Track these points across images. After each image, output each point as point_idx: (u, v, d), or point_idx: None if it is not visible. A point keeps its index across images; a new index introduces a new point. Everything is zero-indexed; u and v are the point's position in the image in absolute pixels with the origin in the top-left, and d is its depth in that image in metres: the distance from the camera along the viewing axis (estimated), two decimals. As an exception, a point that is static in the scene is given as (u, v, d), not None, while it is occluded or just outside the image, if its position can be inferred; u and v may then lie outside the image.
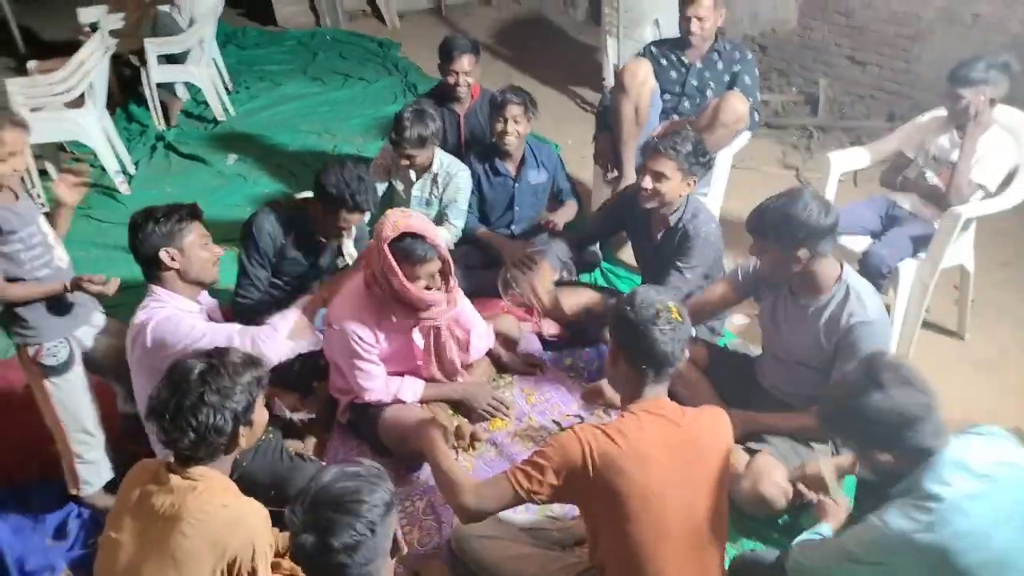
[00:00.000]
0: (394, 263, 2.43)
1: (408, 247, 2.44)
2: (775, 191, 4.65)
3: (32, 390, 2.49)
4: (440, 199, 3.54)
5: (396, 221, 2.45)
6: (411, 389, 2.69)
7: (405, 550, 1.56)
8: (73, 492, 2.57)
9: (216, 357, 1.77)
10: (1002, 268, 3.73)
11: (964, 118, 2.95)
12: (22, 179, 4.13)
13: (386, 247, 2.42)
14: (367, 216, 3.46)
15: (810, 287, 2.36)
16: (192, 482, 1.70)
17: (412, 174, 3.49)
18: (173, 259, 2.23)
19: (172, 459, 1.74)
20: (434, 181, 3.51)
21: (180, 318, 2.22)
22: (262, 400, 1.83)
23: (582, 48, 7.16)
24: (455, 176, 3.48)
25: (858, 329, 2.23)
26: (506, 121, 3.41)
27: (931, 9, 5.02)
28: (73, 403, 2.47)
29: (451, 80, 3.75)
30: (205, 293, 2.42)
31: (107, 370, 2.60)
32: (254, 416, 1.79)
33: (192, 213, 2.29)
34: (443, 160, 3.50)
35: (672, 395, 1.96)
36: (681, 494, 1.78)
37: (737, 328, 3.42)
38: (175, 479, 1.71)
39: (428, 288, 2.53)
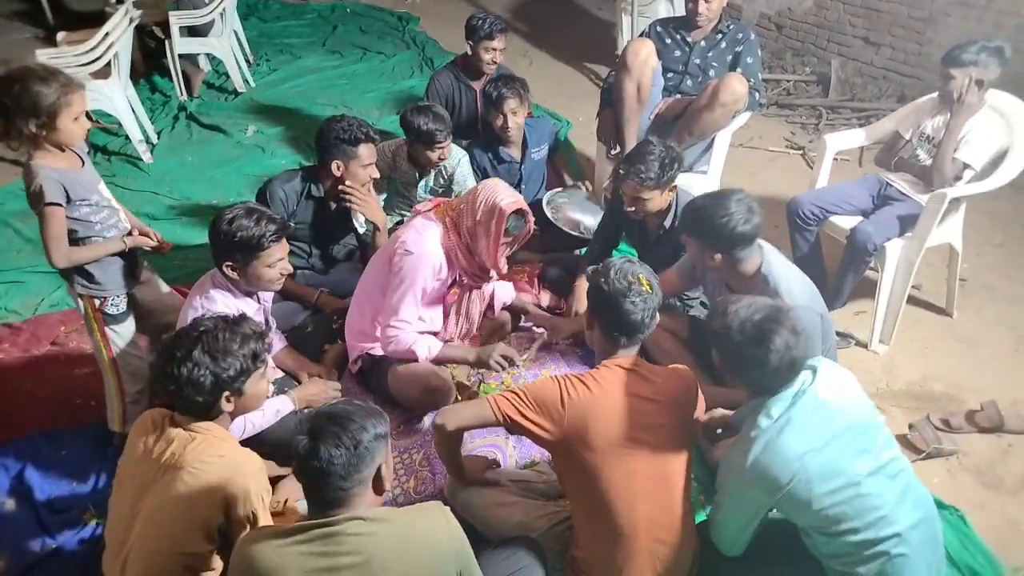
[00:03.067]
0: (501, 232, 2.59)
1: (516, 224, 2.62)
2: (780, 170, 4.71)
3: (91, 336, 2.64)
4: (446, 187, 3.62)
5: (514, 196, 2.61)
6: (427, 346, 2.74)
7: (387, 488, 1.66)
8: (116, 429, 2.73)
9: (226, 322, 1.89)
10: (995, 249, 3.80)
11: (951, 98, 3.04)
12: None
13: (502, 219, 2.55)
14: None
15: (735, 279, 2.48)
16: (191, 433, 1.82)
17: (415, 173, 3.56)
18: (233, 271, 2.35)
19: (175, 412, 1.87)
20: (439, 170, 3.58)
21: None
22: (262, 374, 1.92)
23: (600, 24, 7.20)
24: (458, 165, 3.57)
25: None
26: (505, 116, 3.53)
27: (945, -9, 5.04)
28: (128, 347, 2.64)
29: (487, 57, 3.86)
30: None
31: (141, 320, 2.74)
32: (246, 388, 1.88)
33: (281, 233, 2.37)
34: None
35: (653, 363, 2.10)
36: (648, 437, 1.93)
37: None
38: (175, 431, 1.83)
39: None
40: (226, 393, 1.85)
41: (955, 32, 4.94)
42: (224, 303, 2.35)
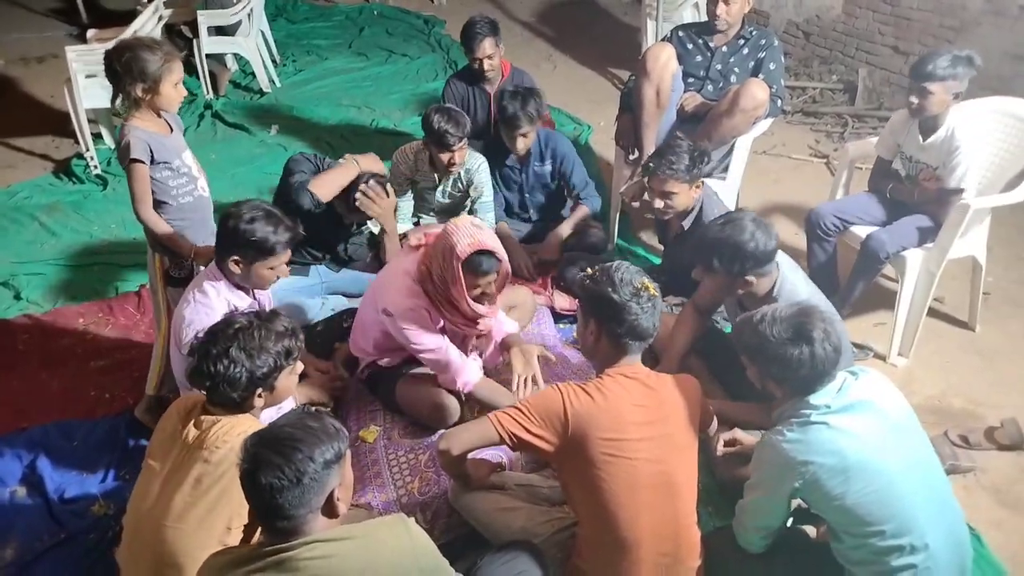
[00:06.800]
0: (461, 276, 2.44)
1: (477, 263, 2.43)
2: (803, 178, 4.65)
3: (153, 295, 2.83)
4: (464, 193, 3.62)
5: (473, 237, 2.42)
6: (473, 373, 2.63)
7: (341, 512, 1.55)
8: (150, 392, 2.80)
9: (260, 319, 1.91)
10: (1022, 263, 3.71)
11: (925, 113, 2.96)
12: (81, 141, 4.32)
13: (458, 264, 2.42)
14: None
15: (752, 297, 2.46)
16: (217, 417, 1.85)
17: (436, 176, 3.56)
18: (237, 266, 2.34)
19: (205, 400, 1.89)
20: (457, 176, 3.57)
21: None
22: (291, 370, 1.95)
23: (626, 29, 7.17)
24: (476, 170, 3.55)
25: None
26: (515, 139, 3.54)
27: (978, 0, 4.93)
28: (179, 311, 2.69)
29: (475, 66, 3.89)
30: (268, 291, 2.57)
31: None
32: (277, 383, 1.91)
33: (292, 241, 2.39)
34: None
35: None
36: (652, 447, 1.90)
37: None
38: (204, 416, 1.86)
39: (482, 299, 2.55)
40: (259, 390, 1.88)
41: (986, 42, 4.83)
42: (216, 296, 2.35)
